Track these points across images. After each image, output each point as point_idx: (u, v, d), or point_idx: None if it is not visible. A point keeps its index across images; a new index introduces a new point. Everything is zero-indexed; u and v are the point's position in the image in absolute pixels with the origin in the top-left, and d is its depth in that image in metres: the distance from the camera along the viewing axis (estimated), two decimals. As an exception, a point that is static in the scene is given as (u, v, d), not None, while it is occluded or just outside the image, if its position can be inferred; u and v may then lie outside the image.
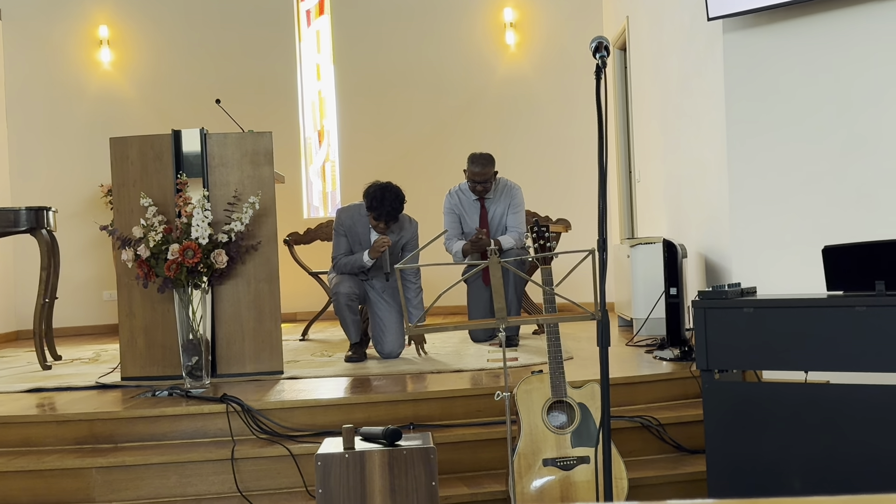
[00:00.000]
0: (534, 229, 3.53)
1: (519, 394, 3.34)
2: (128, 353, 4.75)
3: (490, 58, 8.89)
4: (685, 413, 4.01)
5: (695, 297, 3.39)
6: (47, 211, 5.65)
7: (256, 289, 4.76)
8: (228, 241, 4.45)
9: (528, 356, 5.05)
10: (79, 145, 8.52)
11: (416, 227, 5.30)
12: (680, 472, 3.71)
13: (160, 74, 8.76)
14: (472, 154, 5.78)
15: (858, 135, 4.48)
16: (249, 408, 3.89)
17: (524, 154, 8.65)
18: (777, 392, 3.29)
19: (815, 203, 4.56)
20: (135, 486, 3.64)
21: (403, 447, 3.12)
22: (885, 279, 3.06)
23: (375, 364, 5.02)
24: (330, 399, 4.05)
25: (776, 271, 4.58)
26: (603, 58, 2.64)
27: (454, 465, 3.75)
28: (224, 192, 4.72)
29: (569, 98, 8.64)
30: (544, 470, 3.30)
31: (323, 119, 9.13)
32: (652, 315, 5.46)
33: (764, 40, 4.68)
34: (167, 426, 3.91)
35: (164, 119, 8.05)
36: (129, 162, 4.73)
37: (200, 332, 4.40)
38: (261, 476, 3.69)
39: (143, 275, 4.39)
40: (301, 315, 8.17)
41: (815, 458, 3.14)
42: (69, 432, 3.89)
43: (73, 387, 4.64)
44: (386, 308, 5.21)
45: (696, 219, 5.56)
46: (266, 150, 4.79)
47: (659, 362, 4.65)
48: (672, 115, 6.10)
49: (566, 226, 6.83)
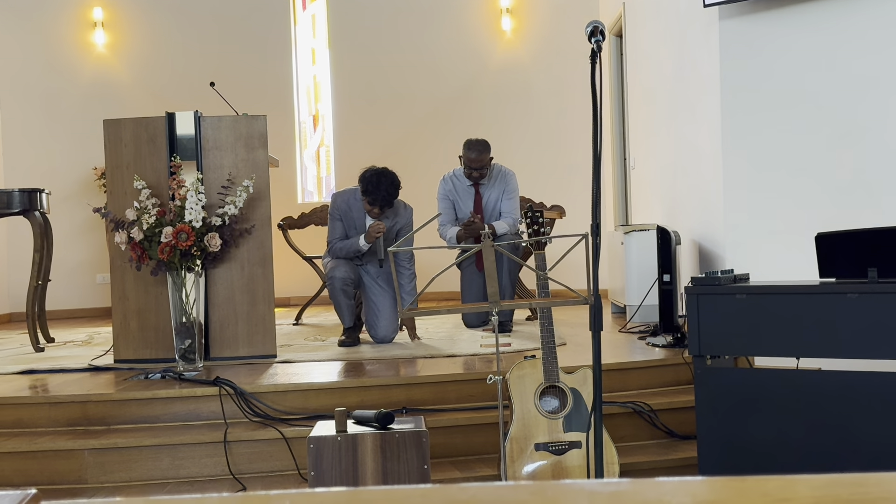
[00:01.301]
0: (528, 214, 3.53)
1: (511, 379, 3.34)
2: (121, 336, 4.74)
3: (486, 44, 8.87)
4: (677, 399, 4.02)
5: (688, 283, 3.39)
6: (40, 193, 5.64)
7: (250, 272, 4.75)
8: (222, 225, 4.44)
9: (521, 342, 5.06)
10: (72, 128, 8.48)
11: (411, 212, 5.29)
12: (671, 457, 3.72)
13: (155, 57, 8.72)
14: (467, 140, 5.77)
15: (853, 123, 4.48)
16: (242, 391, 3.89)
17: (520, 140, 8.64)
18: (769, 378, 3.30)
19: (809, 190, 4.57)
20: (127, 467, 3.64)
21: (396, 431, 3.13)
22: (878, 266, 3.07)
23: (369, 349, 5.02)
24: (323, 383, 4.06)
25: (769, 258, 4.59)
26: (598, 42, 2.63)
27: (446, 449, 3.76)
28: (218, 175, 4.71)
29: (565, 85, 8.63)
30: (536, 454, 3.31)
31: (318, 104, 9.11)
32: (645, 302, 5.47)
33: (760, 27, 4.68)
34: (160, 409, 3.92)
35: (158, 102, 8.01)
36: (122, 144, 4.71)
37: (194, 316, 4.40)
38: (253, 459, 3.70)
39: (137, 257, 4.38)
40: (295, 300, 8.16)
41: (806, 445, 3.16)
42: (62, 414, 3.89)
43: (65, 369, 4.64)
44: (380, 293, 5.22)
45: (691, 206, 5.56)
46: (260, 133, 4.77)
47: (651, 349, 4.67)
48: (667, 103, 6.09)
49: (560, 212, 6.83)
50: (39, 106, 8.52)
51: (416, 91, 8.83)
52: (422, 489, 0.73)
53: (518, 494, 0.71)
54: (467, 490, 0.71)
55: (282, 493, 0.72)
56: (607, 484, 0.73)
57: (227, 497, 0.72)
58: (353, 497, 0.73)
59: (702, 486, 0.73)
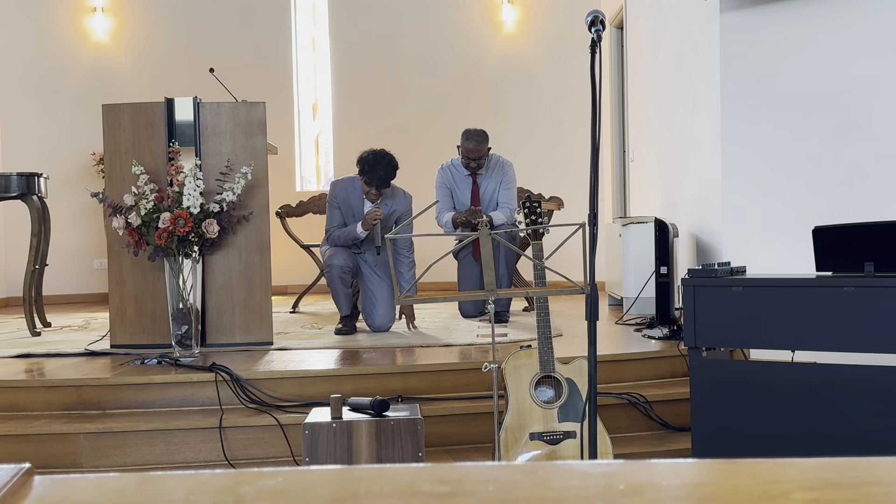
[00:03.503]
0: (526, 204, 3.53)
1: (507, 368, 3.34)
2: (117, 321, 4.74)
3: (486, 34, 8.85)
4: (672, 391, 4.03)
5: (684, 275, 3.40)
6: (38, 177, 5.63)
7: (247, 259, 4.75)
8: (220, 211, 4.44)
9: (517, 332, 5.07)
10: (71, 113, 8.47)
11: (411, 200, 5.29)
12: (665, 448, 3.73)
13: (154, 43, 8.70)
14: (466, 130, 5.76)
15: (852, 117, 4.48)
16: (238, 377, 3.90)
17: (519, 131, 8.63)
18: (764, 371, 3.31)
19: (807, 184, 4.57)
20: (122, 452, 3.65)
21: (391, 418, 3.13)
22: (874, 260, 3.07)
23: (365, 337, 5.03)
24: (319, 370, 4.06)
25: (767, 251, 4.59)
26: (598, 32, 2.63)
27: (441, 437, 3.77)
28: (216, 161, 4.70)
29: (565, 77, 8.61)
30: (531, 444, 3.31)
31: (317, 92, 9.09)
32: (642, 294, 5.47)
33: (761, 21, 4.67)
34: (156, 394, 3.92)
35: (157, 88, 8.00)
36: (121, 129, 4.71)
37: (190, 302, 4.40)
38: (248, 445, 3.70)
39: (134, 243, 4.38)
40: (292, 288, 8.16)
41: (801, 437, 3.16)
42: (57, 398, 3.89)
43: (62, 353, 4.64)
44: (378, 282, 5.22)
45: (689, 198, 5.56)
46: (259, 120, 4.76)
47: (647, 341, 4.67)
48: (667, 95, 6.09)
49: (559, 204, 6.83)
50: (38, 91, 8.50)
51: (415, 80, 8.81)
52: (413, 468, 0.73)
53: (509, 474, 0.71)
54: (459, 469, 0.71)
55: (274, 471, 0.72)
56: (598, 465, 0.73)
57: (219, 473, 0.72)
58: (344, 475, 0.73)
59: (692, 468, 0.73)
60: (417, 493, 0.67)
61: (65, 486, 0.70)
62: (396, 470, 0.72)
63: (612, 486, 0.67)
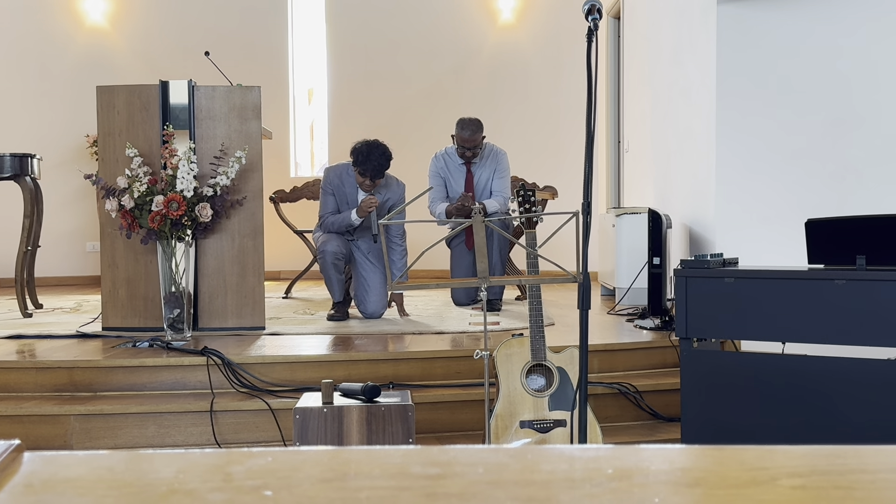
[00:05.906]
0: (520, 193, 3.53)
1: (499, 356, 3.35)
2: (109, 304, 4.74)
3: (482, 22, 8.83)
4: (663, 381, 4.04)
5: (677, 265, 3.40)
6: (32, 158, 5.61)
7: (240, 244, 4.75)
8: (213, 195, 4.43)
9: (509, 321, 5.07)
10: (65, 95, 8.43)
11: (404, 188, 5.29)
12: (655, 438, 3.75)
13: (149, 26, 8.66)
14: (460, 119, 5.75)
15: (846, 111, 4.48)
16: (230, 361, 3.90)
17: (514, 120, 8.62)
18: (754, 362, 3.32)
19: (801, 177, 4.58)
20: (112, 434, 3.65)
21: (382, 404, 3.14)
22: (866, 254, 3.08)
23: (357, 323, 5.03)
24: (310, 356, 4.06)
25: (759, 244, 4.60)
26: (595, 20, 2.63)
27: (432, 424, 3.77)
28: (210, 145, 4.69)
29: (561, 66, 8.60)
30: (521, 432, 3.32)
31: (313, 78, 9.06)
32: (634, 285, 5.48)
33: (757, 13, 4.67)
34: (147, 377, 3.92)
35: (152, 71, 7.97)
36: (115, 111, 4.69)
37: (183, 286, 4.40)
38: (239, 429, 3.71)
39: (127, 225, 4.37)
40: (285, 273, 8.16)
41: (790, 429, 3.18)
42: (48, 379, 3.89)
43: (53, 335, 4.63)
44: (370, 269, 5.22)
45: (683, 190, 5.57)
46: (254, 104, 4.75)
47: (639, 331, 4.68)
48: (663, 86, 6.09)
49: (553, 193, 6.83)
50: (33, 72, 8.46)
51: (411, 68, 8.79)
52: (403, 450, 0.73)
53: (498, 457, 0.72)
54: (448, 452, 0.71)
55: (264, 451, 0.72)
56: (587, 449, 0.74)
57: (209, 452, 0.73)
58: (334, 456, 0.73)
59: (680, 453, 0.74)
60: (407, 474, 0.67)
61: (54, 462, 0.70)
62: (386, 451, 0.73)
63: (601, 470, 0.67)
